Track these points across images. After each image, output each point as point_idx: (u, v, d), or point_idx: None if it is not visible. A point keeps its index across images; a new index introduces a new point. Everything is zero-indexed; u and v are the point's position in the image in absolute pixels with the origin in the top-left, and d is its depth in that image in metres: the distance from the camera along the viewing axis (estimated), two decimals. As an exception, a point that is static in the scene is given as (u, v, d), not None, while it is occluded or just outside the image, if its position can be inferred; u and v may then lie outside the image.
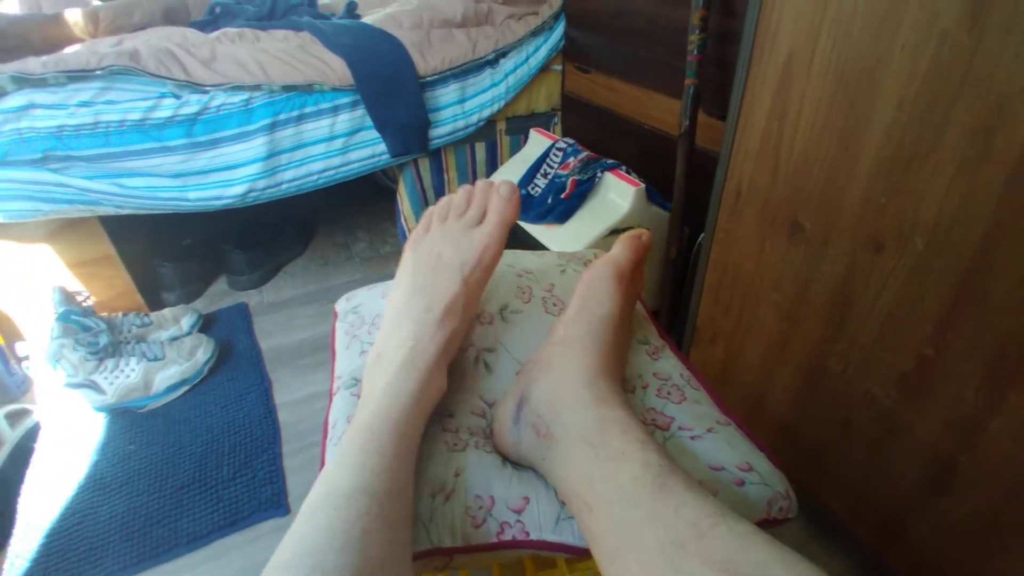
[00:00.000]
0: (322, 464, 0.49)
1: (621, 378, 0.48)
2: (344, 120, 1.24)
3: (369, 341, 0.57)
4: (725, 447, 0.45)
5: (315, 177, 1.27)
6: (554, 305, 0.57)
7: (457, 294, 0.48)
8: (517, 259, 0.63)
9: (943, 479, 0.63)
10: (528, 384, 0.45)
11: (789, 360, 0.80)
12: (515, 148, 1.49)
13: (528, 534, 0.42)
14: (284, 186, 1.25)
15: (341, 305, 0.66)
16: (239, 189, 1.20)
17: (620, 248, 0.50)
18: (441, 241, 0.50)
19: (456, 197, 0.53)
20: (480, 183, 0.53)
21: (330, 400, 0.55)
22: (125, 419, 1.14)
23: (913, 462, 0.66)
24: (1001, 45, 0.48)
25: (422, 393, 0.44)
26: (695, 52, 0.94)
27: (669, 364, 0.54)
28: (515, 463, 0.46)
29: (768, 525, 0.43)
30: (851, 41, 0.61)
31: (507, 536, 0.42)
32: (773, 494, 0.43)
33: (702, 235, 0.96)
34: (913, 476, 0.67)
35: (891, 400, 0.67)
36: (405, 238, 1.50)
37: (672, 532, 0.31)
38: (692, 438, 0.45)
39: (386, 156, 1.31)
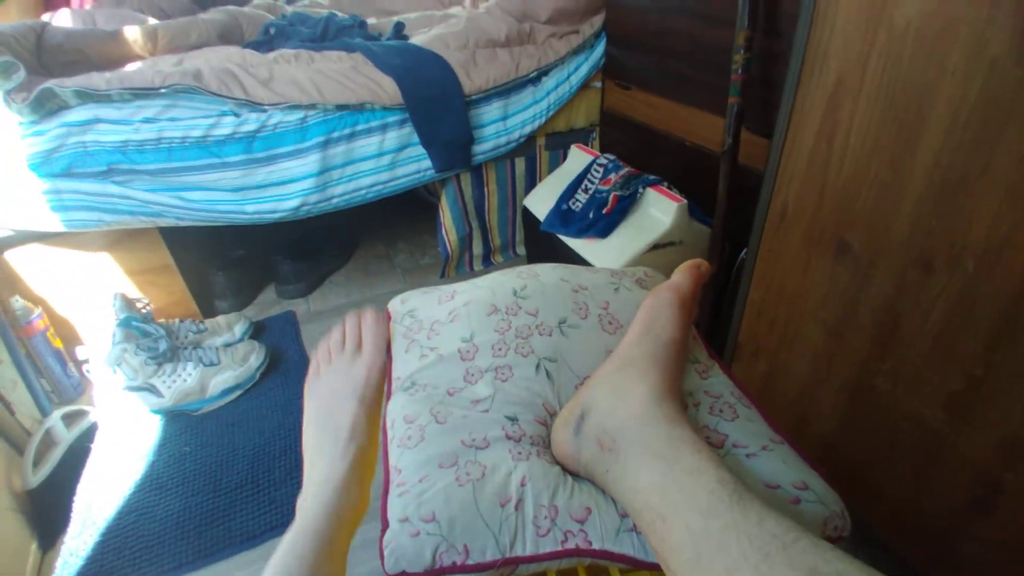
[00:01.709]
0: (385, 465, 0.52)
1: (682, 398, 0.50)
2: (392, 137, 1.29)
3: (429, 346, 0.60)
4: (780, 465, 0.45)
5: (364, 192, 1.32)
6: (610, 323, 0.58)
7: (357, 415, 0.56)
8: (572, 274, 0.65)
9: (989, 499, 0.63)
10: (591, 399, 0.47)
11: (835, 378, 0.81)
12: (554, 163, 1.52)
13: (591, 543, 0.43)
14: (335, 200, 1.30)
15: (395, 307, 0.68)
16: (293, 203, 1.26)
17: (682, 276, 0.53)
18: (332, 378, 0.60)
19: (332, 338, 0.64)
20: (349, 318, 0.64)
21: (387, 399, 0.58)
22: (180, 422, 1.19)
23: (959, 482, 0.66)
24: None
25: (340, 504, 0.49)
26: (739, 71, 0.96)
27: (719, 382, 0.55)
28: (573, 474, 0.48)
29: None
30: (901, 66, 0.62)
31: (571, 544, 0.44)
32: (829, 513, 0.43)
33: (744, 251, 0.97)
34: (959, 496, 0.67)
35: (938, 420, 0.67)
36: (446, 250, 1.54)
37: (756, 542, 0.32)
38: (747, 456, 0.46)
39: (431, 171, 1.36)
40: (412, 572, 0.43)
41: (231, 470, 1.07)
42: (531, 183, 1.54)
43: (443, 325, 0.62)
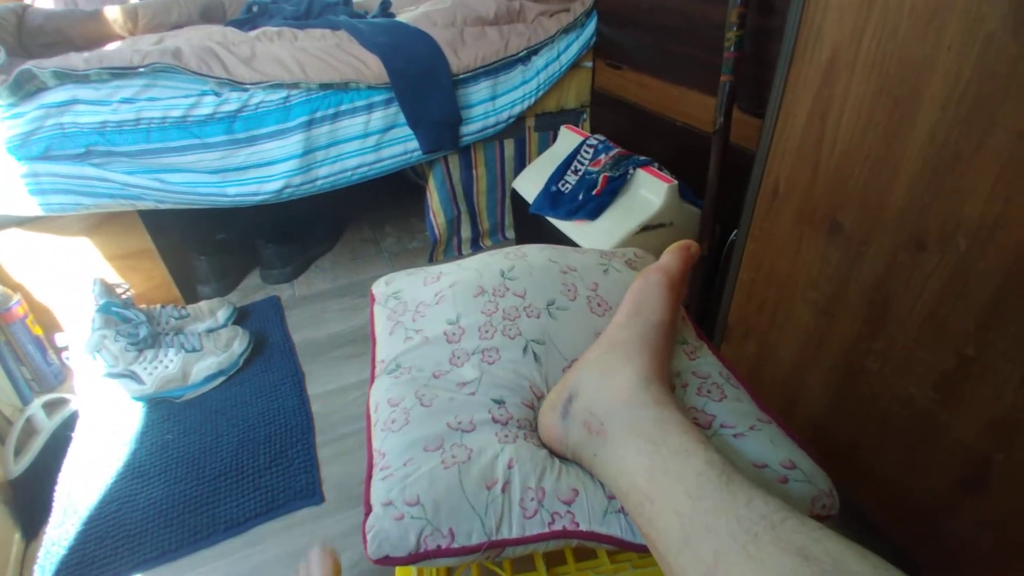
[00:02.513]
0: (368, 449, 0.50)
1: (670, 380, 0.50)
2: (378, 117, 1.26)
3: (414, 328, 0.58)
4: (768, 445, 0.45)
5: (349, 173, 1.29)
6: (599, 305, 0.57)
7: None
8: (561, 255, 0.64)
9: (979, 478, 0.63)
10: (578, 382, 0.47)
11: (825, 358, 0.80)
12: (544, 145, 1.50)
13: (578, 524, 0.43)
14: (319, 182, 1.27)
15: (379, 289, 0.67)
16: (276, 185, 1.23)
17: (671, 257, 0.52)
18: None
19: None
20: (300, 569, 0.64)
21: (371, 383, 0.56)
22: (162, 409, 1.17)
23: (949, 461, 0.66)
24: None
25: None
26: (732, 49, 0.94)
27: (708, 363, 0.55)
28: (560, 457, 0.48)
29: None
30: (896, 40, 0.61)
31: (558, 526, 0.43)
32: (817, 492, 0.43)
33: (735, 232, 0.96)
34: (949, 475, 0.67)
35: (929, 399, 0.67)
36: (434, 233, 1.52)
37: (744, 523, 0.32)
38: (735, 436, 0.46)
39: (418, 153, 1.33)
40: (396, 556, 0.42)
41: (215, 457, 1.06)
42: (520, 165, 1.51)
43: (428, 307, 0.60)
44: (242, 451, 1.06)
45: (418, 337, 0.57)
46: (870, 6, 0.62)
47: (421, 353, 0.55)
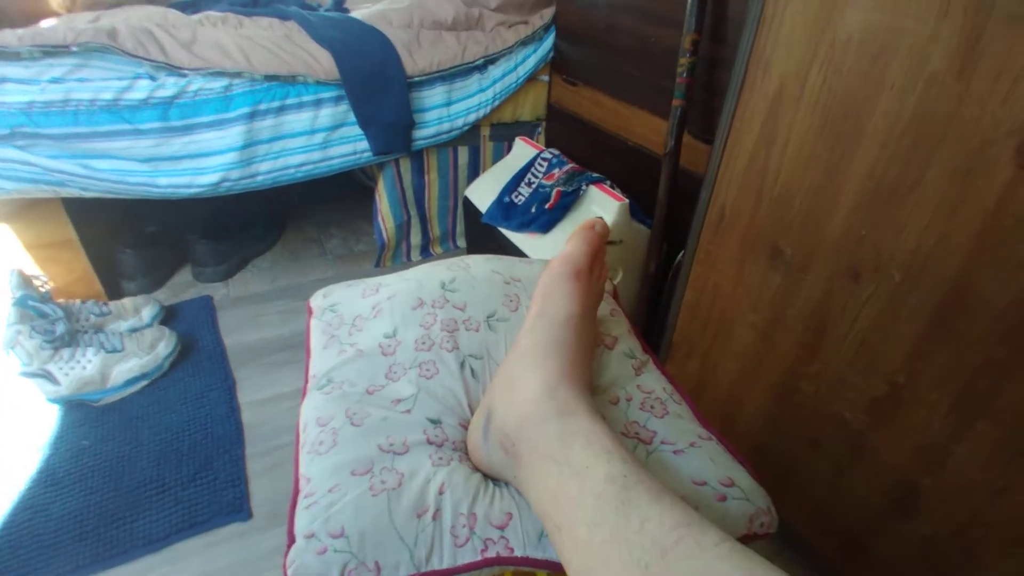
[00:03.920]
0: (295, 467, 0.47)
1: (588, 381, 0.46)
2: (326, 114, 1.22)
3: (349, 342, 0.56)
4: (708, 462, 0.45)
5: (292, 170, 1.24)
6: (544, 317, 0.57)
7: None
8: (506, 266, 0.63)
9: (907, 501, 0.65)
10: (493, 399, 0.44)
11: (763, 379, 0.82)
12: (498, 154, 1.49)
13: (512, 550, 0.41)
14: (260, 178, 1.21)
15: (317, 301, 0.64)
16: (212, 178, 1.17)
17: (574, 243, 0.48)
18: None
19: None
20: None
21: (302, 399, 0.53)
22: (80, 412, 1.08)
23: (878, 484, 0.69)
24: (989, 91, 0.51)
25: None
26: (684, 75, 0.95)
27: (652, 378, 0.55)
28: (495, 480, 0.46)
29: (749, 540, 0.44)
30: (841, 78, 0.63)
31: (491, 553, 0.41)
32: (755, 510, 0.43)
33: (682, 253, 0.98)
34: (878, 497, 0.69)
35: (860, 423, 0.69)
36: (382, 237, 1.48)
37: (636, 552, 0.30)
38: (675, 452, 0.46)
39: (368, 154, 1.29)
40: None
41: (134, 467, 0.99)
42: (474, 173, 1.50)
43: (365, 320, 0.58)
44: (164, 461, 1.00)
45: (352, 351, 0.54)
46: (818, 42, 0.64)
47: (355, 367, 0.52)
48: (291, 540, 0.41)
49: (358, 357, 0.53)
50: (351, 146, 1.28)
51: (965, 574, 0.61)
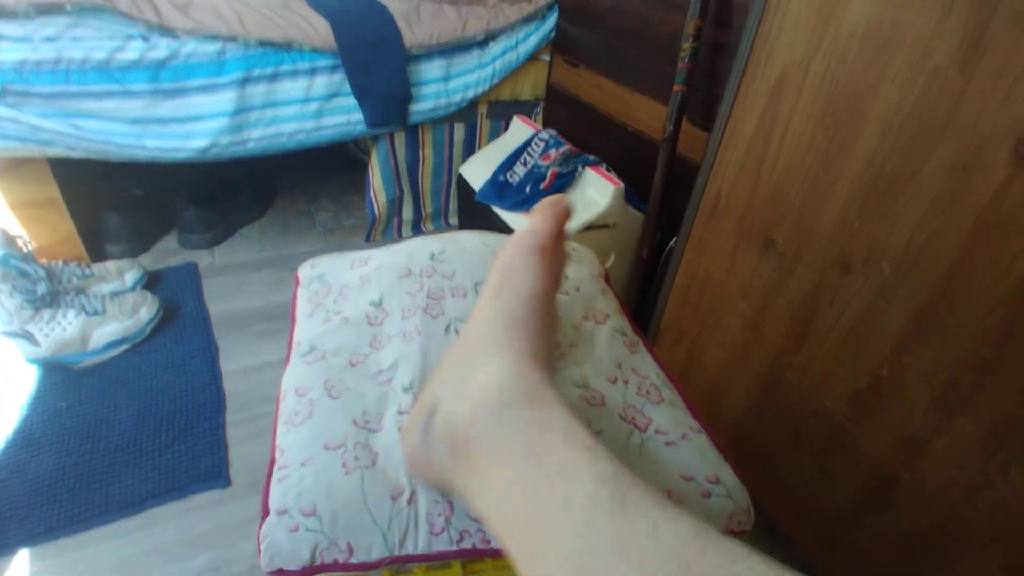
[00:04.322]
0: (273, 436, 0.46)
1: (552, 365, 0.40)
2: (321, 83, 1.19)
3: (335, 310, 0.55)
4: (697, 457, 0.45)
5: (284, 138, 1.22)
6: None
7: None
8: (496, 240, 0.62)
9: (886, 494, 0.66)
10: (437, 390, 0.37)
11: (749, 368, 0.82)
12: (495, 133, 1.47)
13: (489, 542, 0.41)
14: (250, 144, 1.19)
15: (304, 271, 0.63)
16: (201, 143, 1.14)
17: (538, 218, 0.43)
18: None
19: None
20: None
21: (285, 368, 0.52)
22: (59, 374, 1.07)
23: (858, 476, 0.69)
24: (991, 88, 0.50)
25: None
26: (687, 60, 0.94)
27: (645, 362, 0.54)
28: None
29: None
30: (844, 67, 0.62)
31: (467, 544, 0.41)
32: (735, 508, 0.43)
33: (674, 239, 0.97)
34: (857, 489, 0.70)
35: (842, 415, 0.70)
36: (373, 212, 1.46)
37: (651, 564, 0.24)
38: (667, 443, 0.45)
39: (362, 125, 1.27)
40: (289, 570, 0.39)
41: (112, 430, 0.97)
42: (469, 151, 1.48)
43: (352, 289, 0.57)
44: (143, 426, 0.99)
45: (338, 319, 0.53)
46: (823, 31, 0.64)
47: (339, 336, 0.52)
48: (265, 512, 0.41)
49: (343, 325, 0.52)
50: (345, 117, 1.25)
51: (941, 569, 0.62)
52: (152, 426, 0.98)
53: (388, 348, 0.50)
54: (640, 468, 0.43)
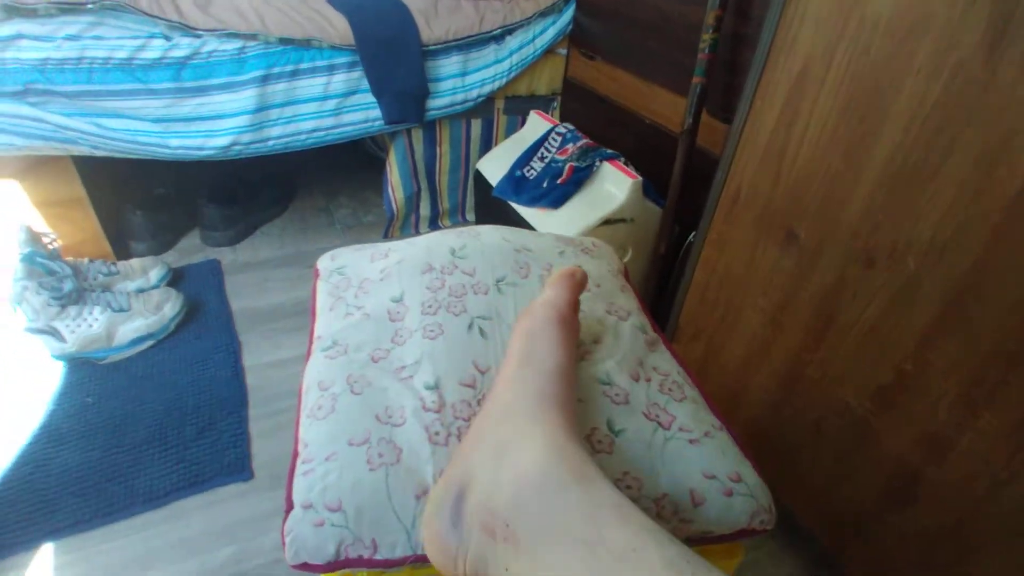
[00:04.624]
0: (296, 429, 0.47)
1: (584, 443, 0.40)
2: (340, 80, 1.20)
3: (355, 304, 0.55)
4: (719, 455, 0.45)
5: (304, 136, 1.23)
6: (552, 286, 0.56)
7: None
8: (517, 236, 0.62)
9: (908, 490, 0.65)
10: (468, 469, 0.36)
11: (768, 364, 0.81)
12: (512, 128, 1.47)
13: None
14: (271, 142, 1.20)
15: (324, 264, 0.64)
16: (223, 140, 1.16)
17: (556, 289, 0.44)
18: None
19: None
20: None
21: (306, 361, 0.53)
22: (85, 370, 1.09)
23: (879, 472, 0.68)
24: (1015, 79, 0.49)
25: None
26: (706, 51, 0.93)
27: (665, 359, 0.54)
28: None
29: (746, 535, 0.44)
30: (868, 59, 0.61)
31: None
32: (757, 507, 0.43)
33: (693, 234, 0.96)
34: (878, 486, 0.69)
35: (864, 410, 0.69)
36: (391, 208, 1.47)
37: None
38: (691, 441, 0.45)
39: (380, 122, 1.28)
40: (314, 564, 0.40)
41: (137, 425, 1.00)
42: (486, 146, 1.48)
43: (373, 283, 0.57)
44: (167, 421, 1.00)
45: (359, 314, 0.54)
46: (845, 22, 0.63)
47: (361, 331, 0.52)
48: (289, 506, 0.41)
49: (364, 320, 0.53)
50: (363, 114, 1.26)
51: (963, 565, 0.61)
52: (176, 420, 1.00)
53: (409, 344, 0.50)
54: (665, 466, 0.43)
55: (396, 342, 0.51)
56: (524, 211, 1.14)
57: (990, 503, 0.57)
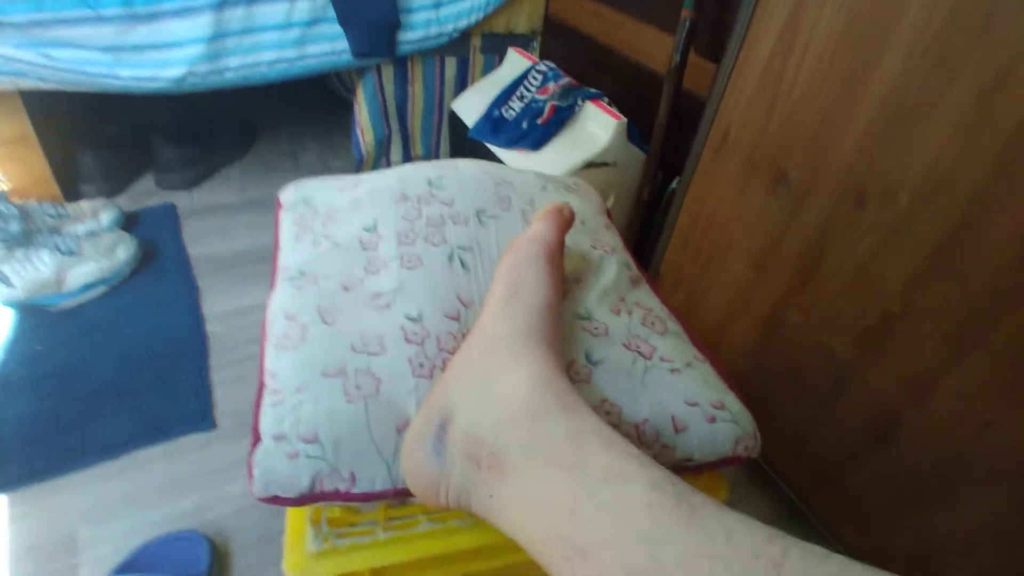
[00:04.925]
0: (260, 361, 0.43)
1: (570, 379, 0.39)
2: (303, 7, 1.11)
3: (324, 234, 0.51)
4: (701, 384, 0.45)
5: (264, 68, 1.14)
6: (534, 217, 0.53)
7: None
8: (497, 169, 0.58)
9: (887, 433, 0.65)
10: (452, 399, 0.35)
11: (751, 310, 0.80)
12: (489, 68, 1.40)
13: None
14: (228, 74, 1.12)
15: (287, 195, 0.60)
16: (177, 71, 1.07)
17: (545, 225, 0.43)
18: None
19: None
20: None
21: (270, 292, 0.49)
22: (35, 317, 1.03)
23: (859, 415, 0.68)
24: (1020, 8, 0.47)
25: None
26: (696, -19, 0.88)
27: (648, 296, 0.53)
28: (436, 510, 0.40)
29: (732, 462, 0.44)
30: (871, -19, 0.57)
31: None
32: (742, 433, 0.43)
33: (676, 180, 0.93)
34: (857, 429, 0.69)
35: (847, 353, 0.68)
36: (360, 151, 1.40)
37: (735, 567, 0.23)
38: (672, 371, 0.45)
39: (347, 55, 1.20)
40: (286, 497, 0.37)
41: (90, 374, 0.94)
42: (462, 87, 1.41)
43: (342, 212, 0.53)
44: (123, 369, 0.95)
45: (327, 243, 0.50)
46: (848, -59, 0.58)
47: (331, 260, 0.48)
48: (256, 438, 0.38)
49: (334, 250, 0.49)
50: (329, 45, 1.17)
51: (940, 508, 0.61)
52: (133, 369, 0.95)
53: (385, 273, 0.46)
54: (644, 392, 0.42)
55: (370, 271, 0.47)
56: (502, 154, 1.09)
57: (972, 445, 0.57)
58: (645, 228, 1.10)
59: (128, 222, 1.24)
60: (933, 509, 0.62)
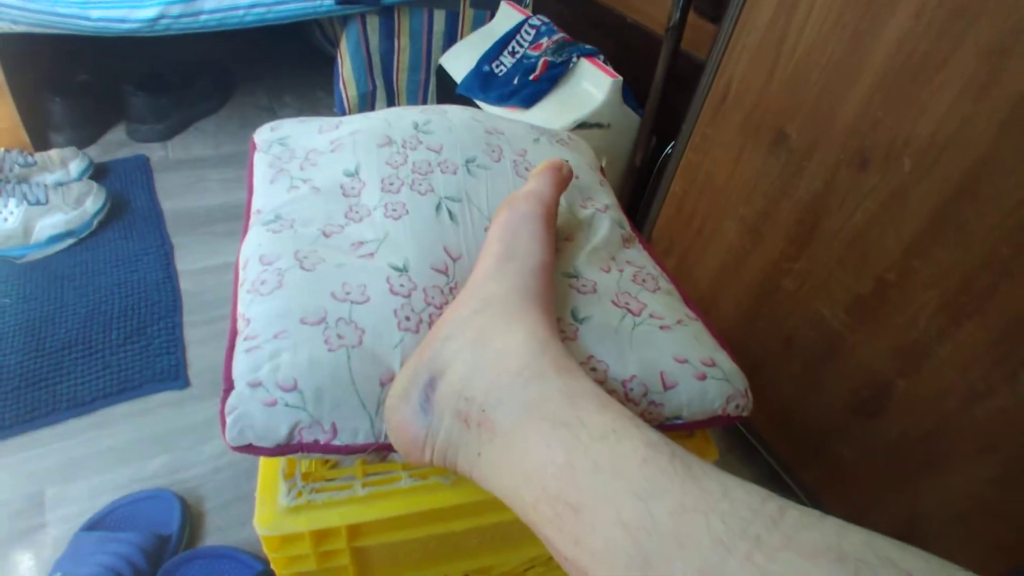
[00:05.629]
0: (233, 306, 0.41)
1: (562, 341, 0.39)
2: (285, -52, 1.05)
3: (301, 177, 0.48)
4: (692, 340, 0.43)
5: (241, 12, 1.08)
6: (526, 170, 0.50)
7: None
8: (486, 117, 0.55)
9: (877, 402, 0.64)
10: (442, 356, 0.34)
11: (744, 277, 0.78)
12: (479, 23, 1.34)
13: None
14: (203, 17, 1.06)
15: (263, 136, 0.55)
16: (149, 12, 1.01)
17: (542, 181, 0.42)
18: None
19: None
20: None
21: (244, 234, 0.46)
22: (2, 269, 0.99)
23: (848, 384, 0.67)
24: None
25: None
26: (700, -68, 0.84)
27: (640, 255, 0.51)
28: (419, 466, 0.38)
29: (722, 421, 0.43)
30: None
31: None
32: (733, 391, 0.42)
33: (671, 145, 0.91)
34: (845, 398, 0.68)
35: (839, 322, 0.67)
36: (343, 107, 1.35)
37: (733, 521, 0.23)
38: (661, 328, 0.43)
39: (330, 2, 1.14)
40: (261, 446, 0.34)
41: (59, 328, 0.91)
42: (450, 42, 1.35)
43: (322, 155, 0.50)
44: (92, 324, 0.92)
45: (306, 187, 0.46)
46: None
47: (309, 205, 0.45)
48: (229, 385, 0.36)
49: (313, 194, 0.46)
50: (312, -9, 1.12)
51: (927, 478, 0.61)
52: (102, 324, 0.92)
53: (367, 222, 0.44)
54: (632, 349, 0.40)
55: (351, 218, 0.44)
56: (492, 111, 1.05)
57: (962, 415, 0.57)
58: (637, 195, 1.08)
59: (98, 173, 1.19)
60: (920, 480, 0.62)
